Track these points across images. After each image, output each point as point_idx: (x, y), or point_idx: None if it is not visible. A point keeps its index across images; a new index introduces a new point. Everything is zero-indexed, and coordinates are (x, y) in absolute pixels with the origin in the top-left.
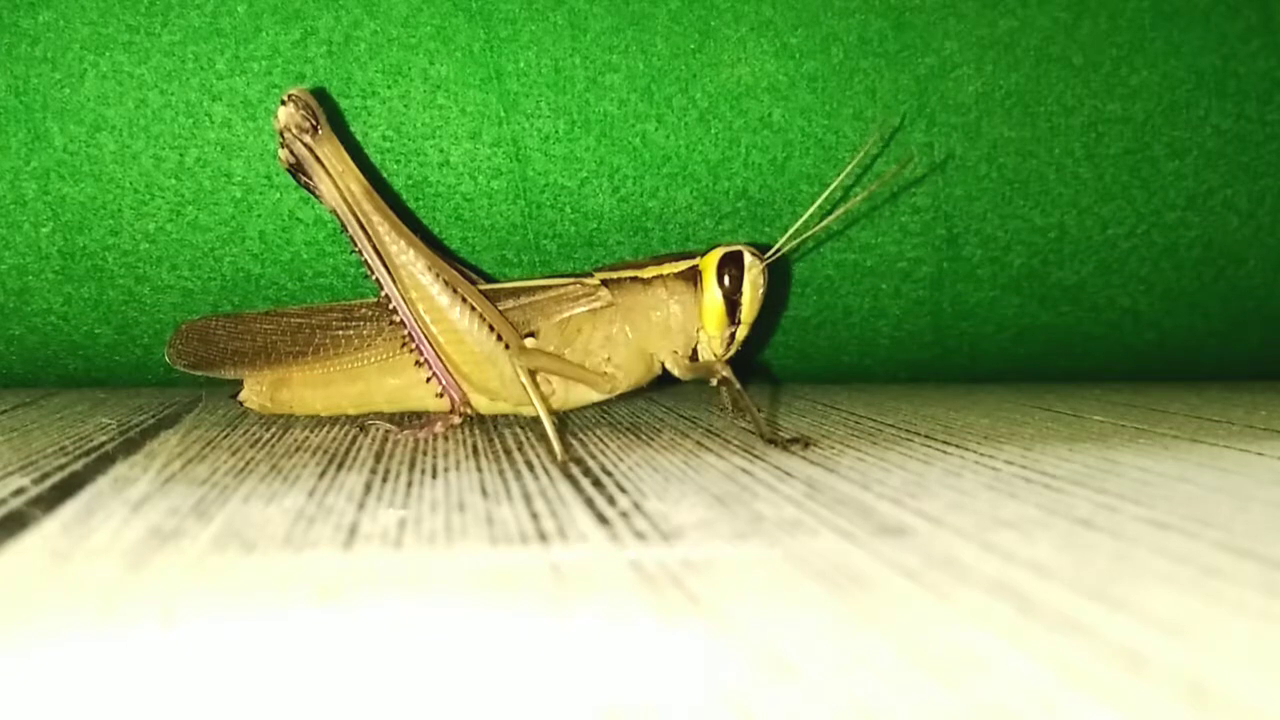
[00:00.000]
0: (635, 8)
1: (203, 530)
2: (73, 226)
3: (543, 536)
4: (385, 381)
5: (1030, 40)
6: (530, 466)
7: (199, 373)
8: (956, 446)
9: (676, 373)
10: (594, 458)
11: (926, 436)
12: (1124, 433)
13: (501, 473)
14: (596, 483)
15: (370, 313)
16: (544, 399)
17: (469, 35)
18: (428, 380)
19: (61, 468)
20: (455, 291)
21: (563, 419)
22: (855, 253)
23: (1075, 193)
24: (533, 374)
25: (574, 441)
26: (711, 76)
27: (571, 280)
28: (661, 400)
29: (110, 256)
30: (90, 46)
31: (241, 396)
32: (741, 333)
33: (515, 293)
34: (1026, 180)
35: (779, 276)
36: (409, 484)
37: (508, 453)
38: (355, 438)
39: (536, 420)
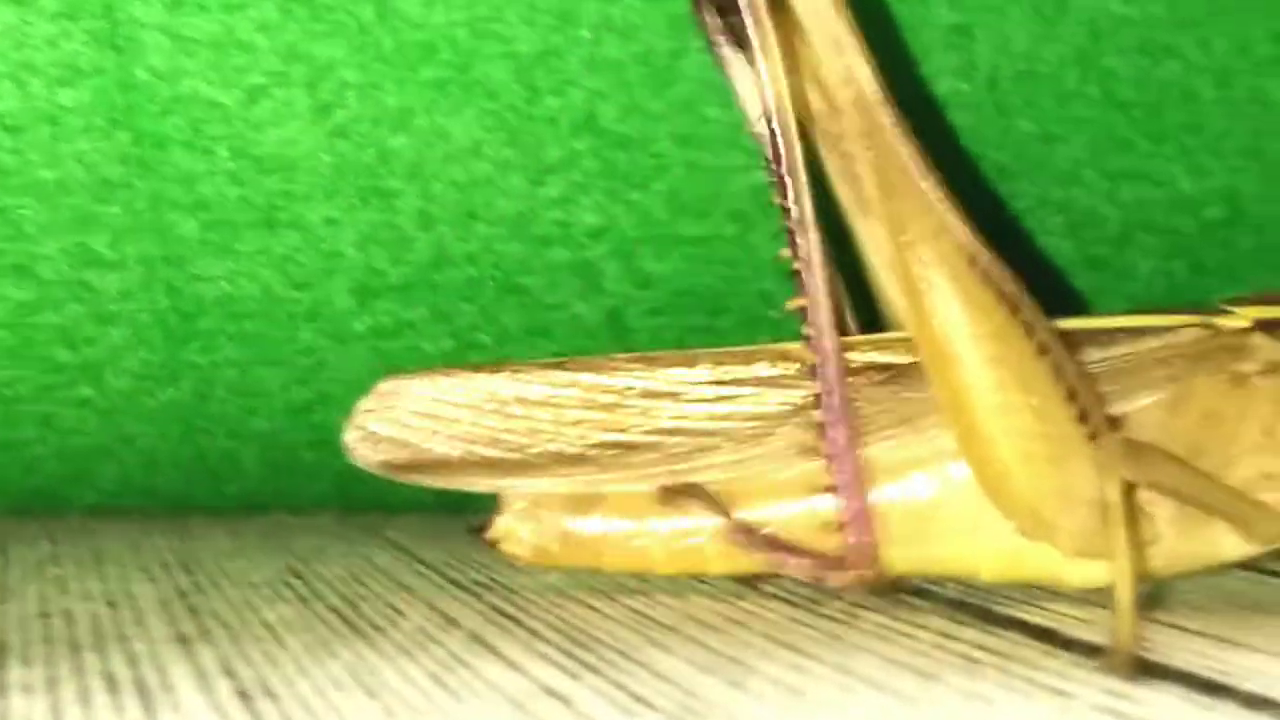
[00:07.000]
0: None
1: None
2: None
3: None
4: (792, 504)
5: None
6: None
7: (410, 480)
8: None
9: None
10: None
11: None
12: None
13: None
14: None
15: (779, 367)
16: (1133, 549)
17: None
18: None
19: None
20: (1030, 328)
21: None
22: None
23: None
24: (1130, 497)
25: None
26: None
27: (1189, 319)
28: None
29: None
30: None
31: (495, 534)
32: None
33: (1076, 340)
34: None
35: None
36: None
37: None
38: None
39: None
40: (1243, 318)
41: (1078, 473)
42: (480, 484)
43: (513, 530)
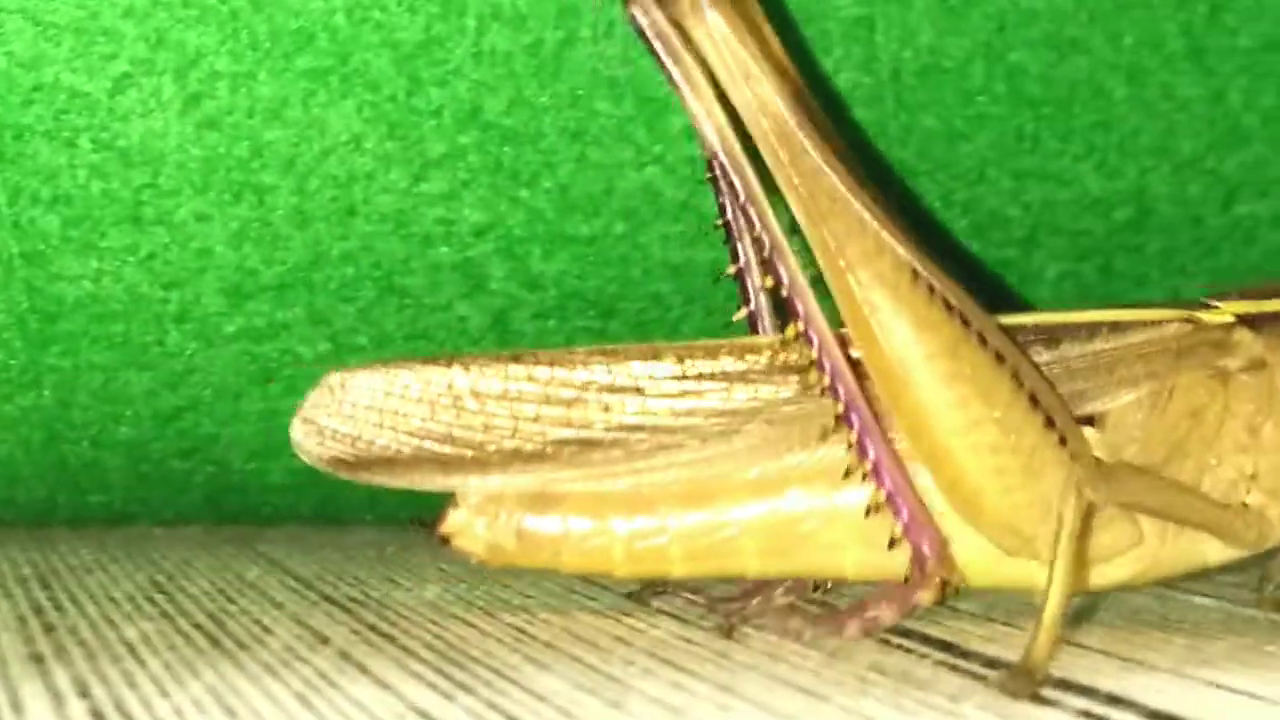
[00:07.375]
0: None
1: None
2: None
3: None
4: (758, 504)
5: None
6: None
7: (359, 478)
8: None
9: None
10: None
11: None
12: None
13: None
14: None
15: (746, 361)
16: (1072, 566)
17: None
18: (872, 511)
19: None
20: (983, 338)
21: None
22: None
23: None
24: (1088, 515)
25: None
26: None
27: (1171, 314)
28: None
29: None
30: None
31: (448, 529)
32: None
33: (1052, 335)
34: None
35: None
36: None
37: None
38: None
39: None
40: (1226, 312)
41: (1052, 478)
42: (433, 482)
43: (468, 525)
